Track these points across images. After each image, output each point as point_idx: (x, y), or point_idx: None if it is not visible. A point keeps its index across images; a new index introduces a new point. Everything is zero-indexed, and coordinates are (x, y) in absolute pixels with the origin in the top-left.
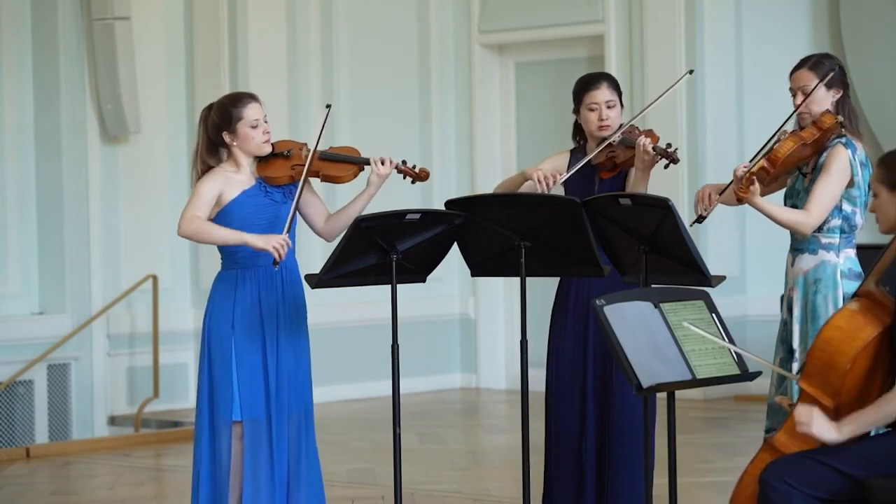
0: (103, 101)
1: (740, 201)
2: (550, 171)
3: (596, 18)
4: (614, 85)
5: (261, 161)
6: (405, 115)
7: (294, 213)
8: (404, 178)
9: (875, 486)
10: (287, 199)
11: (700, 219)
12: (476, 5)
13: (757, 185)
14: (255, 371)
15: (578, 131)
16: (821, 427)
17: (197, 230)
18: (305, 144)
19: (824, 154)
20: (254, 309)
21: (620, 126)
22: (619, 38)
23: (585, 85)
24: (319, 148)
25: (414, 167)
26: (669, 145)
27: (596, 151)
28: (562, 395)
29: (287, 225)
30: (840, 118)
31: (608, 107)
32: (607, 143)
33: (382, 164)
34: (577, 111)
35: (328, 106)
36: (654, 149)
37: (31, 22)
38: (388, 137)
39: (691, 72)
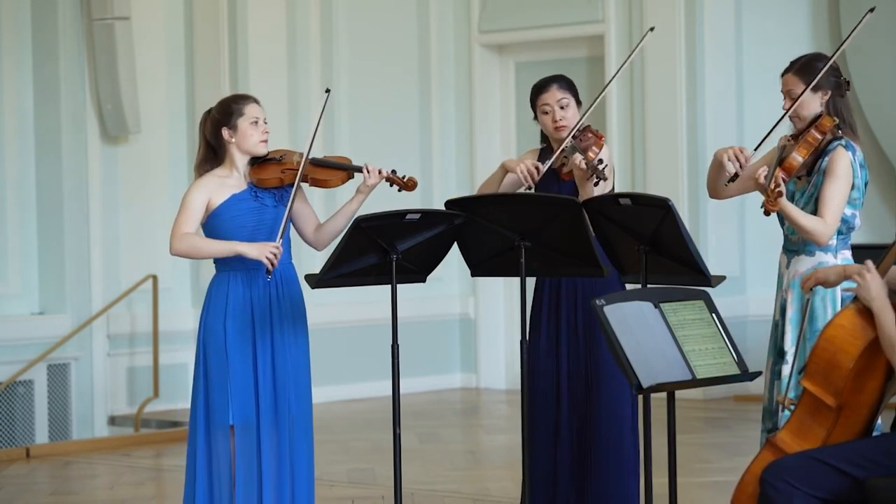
0: (103, 101)
1: (767, 214)
2: (532, 164)
3: (596, 18)
4: (565, 85)
5: (254, 165)
6: (405, 115)
7: (287, 218)
8: (391, 185)
9: (876, 486)
10: (278, 203)
11: (735, 176)
12: (476, 5)
13: (784, 193)
14: (245, 374)
15: (545, 136)
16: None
17: (189, 247)
18: (301, 153)
19: (826, 158)
20: (245, 311)
21: (575, 126)
22: (619, 38)
23: (536, 90)
24: (317, 155)
25: (403, 177)
26: (601, 161)
27: (552, 158)
28: (538, 393)
29: (280, 232)
30: (836, 120)
31: (560, 106)
32: (561, 149)
33: (372, 174)
34: (535, 117)
35: (327, 91)
36: (586, 164)
37: (31, 22)
38: (388, 137)
39: (652, 29)
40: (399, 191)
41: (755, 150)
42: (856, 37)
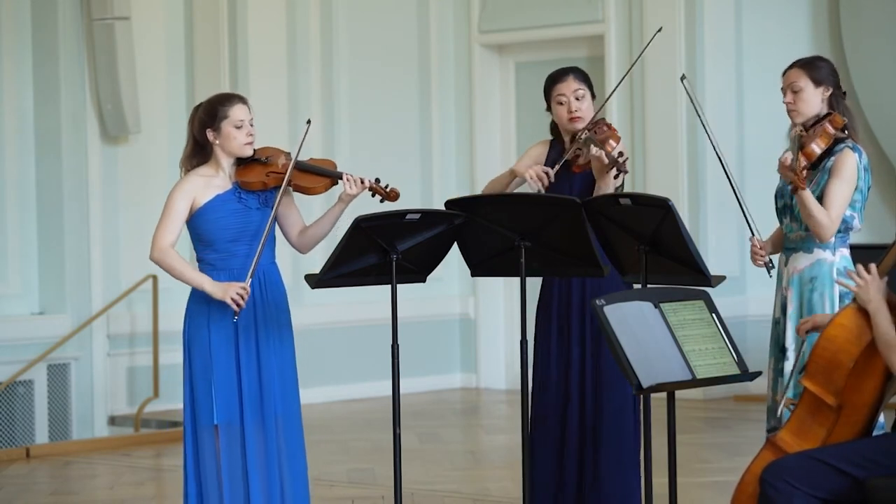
0: (103, 101)
1: (794, 192)
2: (543, 170)
3: (596, 18)
4: (581, 76)
5: (240, 166)
6: (405, 115)
7: (271, 225)
8: (373, 195)
9: (876, 486)
10: (262, 206)
11: (769, 267)
12: (476, 5)
13: None
14: (229, 374)
15: (555, 128)
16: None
17: (164, 262)
18: (288, 153)
19: (831, 158)
20: (228, 311)
21: (591, 120)
22: (619, 38)
23: (551, 80)
24: (303, 158)
25: (386, 186)
26: (621, 154)
27: (566, 155)
28: (545, 393)
29: (251, 269)
30: (846, 120)
31: (576, 97)
32: (575, 143)
33: (354, 183)
34: (549, 108)
35: (308, 122)
36: (607, 157)
37: (31, 22)
38: (388, 137)
39: (660, 29)
40: (381, 201)
41: (753, 236)
42: (856, 37)
